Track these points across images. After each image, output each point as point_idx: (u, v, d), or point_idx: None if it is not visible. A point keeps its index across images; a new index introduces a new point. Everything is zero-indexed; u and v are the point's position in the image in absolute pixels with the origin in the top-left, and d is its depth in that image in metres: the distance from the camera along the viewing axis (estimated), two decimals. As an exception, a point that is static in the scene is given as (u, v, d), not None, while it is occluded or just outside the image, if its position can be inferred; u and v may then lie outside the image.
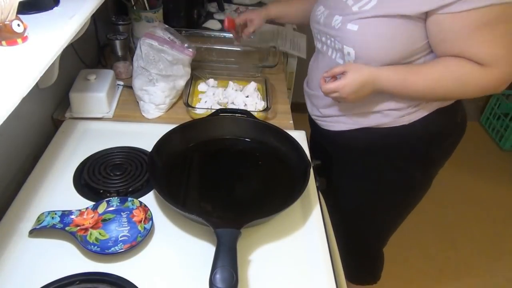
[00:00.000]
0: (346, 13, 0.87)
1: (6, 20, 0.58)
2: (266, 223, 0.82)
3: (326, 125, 1.07)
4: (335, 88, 0.88)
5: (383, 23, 0.82)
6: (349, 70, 0.86)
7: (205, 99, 1.17)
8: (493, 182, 2.38)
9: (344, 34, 0.87)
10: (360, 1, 0.85)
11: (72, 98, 1.07)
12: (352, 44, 0.87)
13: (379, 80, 0.86)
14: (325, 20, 0.94)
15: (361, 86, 0.86)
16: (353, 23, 0.85)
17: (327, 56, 0.97)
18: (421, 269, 1.87)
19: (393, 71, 0.86)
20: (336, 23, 0.89)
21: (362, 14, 0.84)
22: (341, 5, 0.89)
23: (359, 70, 0.86)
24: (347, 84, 0.86)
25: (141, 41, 1.07)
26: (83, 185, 0.89)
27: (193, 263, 0.75)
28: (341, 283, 0.81)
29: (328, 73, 0.90)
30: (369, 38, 0.84)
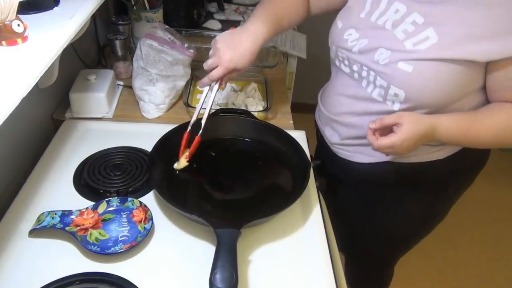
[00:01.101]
0: (397, 50, 0.76)
1: (6, 20, 0.58)
2: (266, 223, 0.82)
3: (346, 155, 0.97)
4: (391, 144, 0.75)
5: (443, 67, 0.72)
6: (404, 122, 0.74)
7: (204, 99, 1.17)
8: (493, 182, 2.38)
9: (393, 73, 0.77)
10: (414, 37, 0.75)
11: (72, 98, 1.07)
12: (403, 86, 0.77)
13: (438, 132, 0.76)
14: (363, 50, 0.82)
15: (420, 139, 0.76)
16: (407, 63, 0.74)
17: (360, 87, 0.86)
18: (421, 269, 1.87)
19: (454, 122, 0.76)
20: (382, 57, 0.78)
21: (418, 54, 0.74)
22: (387, 37, 0.78)
23: (416, 121, 0.75)
24: (406, 139, 0.74)
25: (141, 41, 1.07)
26: (83, 185, 0.89)
27: (193, 263, 0.75)
28: (341, 283, 0.81)
29: (377, 125, 0.77)
30: (425, 82, 0.75)
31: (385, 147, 0.77)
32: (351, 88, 0.89)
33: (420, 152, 0.87)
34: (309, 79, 2.09)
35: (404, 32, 0.76)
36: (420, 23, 0.75)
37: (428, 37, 0.73)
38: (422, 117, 0.76)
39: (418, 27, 0.75)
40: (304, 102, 2.13)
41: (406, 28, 0.76)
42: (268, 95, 1.19)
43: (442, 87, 0.75)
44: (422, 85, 0.75)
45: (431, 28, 0.73)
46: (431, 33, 0.73)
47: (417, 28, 0.75)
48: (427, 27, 0.73)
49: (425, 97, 0.77)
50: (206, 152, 0.97)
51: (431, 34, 0.73)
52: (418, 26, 0.75)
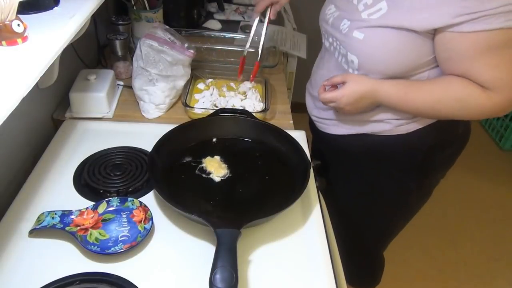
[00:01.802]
0: (355, 19, 0.85)
1: (6, 20, 0.58)
2: (266, 223, 0.82)
3: (324, 128, 1.05)
4: (333, 98, 0.87)
5: (390, 34, 0.79)
6: (349, 80, 0.85)
7: (202, 99, 1.17)
8: (493, 182, 2.38)
9: (349, 40, 0.85)
10: (370, 8, 0.82)
11: (72, 98, 1.07)
12: (356, 53, 0.85)
13: (378, 93, 0.85)
14: (334, 22, 0.91)
15: (360, 98, 0.85)
16: (360, 31, 0.83)
17: (334, 58, 0.95)
18: (421, 269, 1.87)
19: (394, 86, 0.84)
20: (344, 27, 0.87)
21: (369, 22, 0.81)
22: (352, 9, 0.86)
23: (359, 81, 0.85)
24: (345, 94, 0.85)
25: (141, 41, 1.07)
26: (83, 185, 0.89)
27: (193, 263, 0.75)
28: (341, 283, 0.81)
29: (328, 82, 0.89)
30: (374, 49, 0.82)
31: (328, 100, 0.89)
32: (329, 61, 0.97)
33: (386, 127, 0.93)
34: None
35: (364, 5, 0.84)
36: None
37: (381, 8, 0.81)
38: (366, 78, 0.85)
39: (375, 0, 0.82)
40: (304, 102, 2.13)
41: (366, 2, 0.84)
42: (268, 95, 1.19)
43: (390, 55, 0.81)
44: (372, 52, 0.83)
45: (384, 1, 0.81)
46: (383, 5, 0.80)
47: (374, 1, 0.82)
48: (381, 0, 0.81)
49: (375, 64, 0.84)
50: (206, 152, 0.97)
51: (383, 6, 0.80)
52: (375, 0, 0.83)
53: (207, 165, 0.93)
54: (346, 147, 1.03)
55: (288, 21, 1.81)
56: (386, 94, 0.84)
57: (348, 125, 0.98)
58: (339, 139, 1.02)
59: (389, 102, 0.86)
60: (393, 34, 0.79)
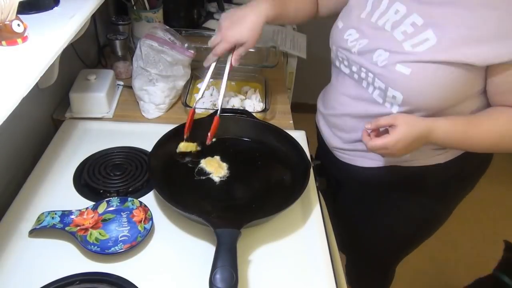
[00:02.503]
0: (395, 51, 0.75)
1: (6, 20, 0.58)
2: (266, 223, 0.82)
3: (347, 159, 0.96)
4: (384, 145, 0.75)
5: (442, 69, 0.71)
6: (399, 123, 0.73)
7: (202, 100, 1.17)
8: (493, 182, 2.38)
9: (391, 75, 0.76)
10: (413, 38, 0.73)
11: (72, 98, 1.07)
12: (400, 89, 0.76)
13: (435, 134, 0.75)
14: (362, 51, 0.81)
15: (414, 141, 0.75)
16: (405, 65, 0.74)
17: (360, 87, 0.85)
18: (421, 269, 1.87)
19: (452, 126, 0.76)
20: (380, 59, 0.77)
21: (416, 56, 0.73)
22: (386, 38, 0.77)
23: (411, 123, 0.74)
24: (399, 140, 0.73)
25: (141, 41, 1.07)
26: (83, 185, 0.89)
27: (193, 263, 0.75)
28: (341, 283, 0.81)
29: (372, 125, 0.77)
30: (423, 85, 0.74)
31: (379, 148, 0.76)
32: (352, 89, 0.88)
33: (421, 156, 0.86)
34: (309, 79, 2.09)
35: (404, 33, 0.75)
36: (420, 24, 0.73)
37: (427, 38, 0.72)
38: (418, 119, 0.75)
39: (417, 28, 0.73)
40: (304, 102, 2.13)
41: (405, 30, 0.75)
42: (268, 95, 1.18)
43: (440, 90, 0.74)
44: (420, 88, 0.74)
45: (430, 30, 0.72)
46: (430, 35, 0.72)
47: (416, 30, 0.73)
48: (426, 29, 0.72)
49: (423, 100, 0.76)
50: (206, 152, 0.97)
51: (430, 36, 0.72)
52: (417, 27, 0.74)
53: (207, 165, 0.93)
54: (372, 178, 0.94)
55: (288, 21, 1.81)
56: (443, 135, 0.76)
57: (379, 157, 0.87)
58: (365, 171, 0.93)
59: (447, 142, 0.78)
60: (447, 69, 0.71)
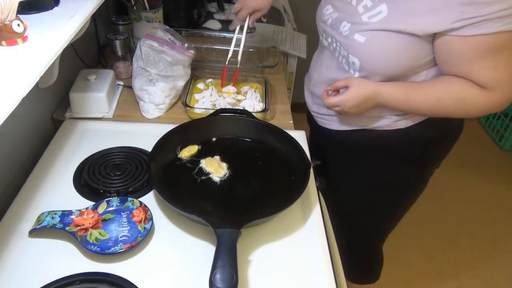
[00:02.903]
0: (355, 22, 0.86)
1: (6, 20, 0.58)
2: (266, 223, 0.82)
3: (324, 123, 1.07)
4: (337, 102, 0.90)
5: (390, 37, 0.81)
6: (351, 84, 0.88)
7: (202, 100, 1.18)
8: (493, 182, 2.38)
9: (350, 43, 0.87)
10: (370, 11, 0.84)
11: (72, 98, 1.07)
12: (357, 55, 0.87)
13: (381, 96, 0.87)
14: (333, 23, 0.92)
15: (363, 101, 0.88)
16: (361, 34, 0.84)
17: (334, 57, 0.96)
18: (421, 269, 1.87)
19: (396, 88, 0.87)
20: (344, 29, 0.88)
21: (370, 25, 0.83)
22: (351, 11, 0.88)
23: (362, 85, 0.87)
24: (349, 98, 0.88)
25: (141, 41, 1.07)
26: (83, 185, 0.89)
27: (193, 263, 0.75)
28: (341, 283, 0.81)
29: (331, 87, 0.92)
30: (375, 51, 0.84)
31: (333, 104, 0.91)
32: (328, 59, 0.99)
33: (386, 121, 0.96)
34: (309, 79, 2.09)
35: (364, 7, 0.85)
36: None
37: (381, 11, 0.82)
38: (368, 82, 0.88)
39: (375, 2, 0.84)
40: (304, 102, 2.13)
41: (366, 4, 0.85)
42: (268, 95, 1.19)
43: (391, 57, 0.83)
44: (372, 54, 0.85)
45: (384, 4, 0.82)
46: (384, 8, 0.82)
47: (374, 4, 0.84)
48: (381, 3, 0.82)
49: (376, 66, 0.86)
50: (206, 152, 0.97)
51: (383, 9, 0.82)
52: (375, 2, 0.84)
53: (207, 165, 0.93)
54: (346, 141, 1.05)
55: (288, 21, 1.81)
56: (388, 96, 0.87)
57: (349, 121, 1.00)
58: (339, 134, 1.04)
59: (392, 104, 0.89)
60: (394, 37, 0.81)
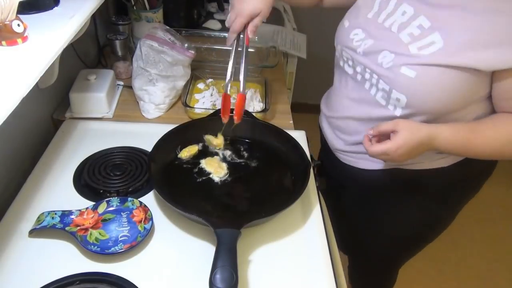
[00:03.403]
0: (401, 53, 0.75)
1: (6, 20, 0.58)
2: (266, 223, 0.82)
3: (350, 161, 0.96)
4: (385, 151, 0.75)
5: (447, 73, 0.71)
6: (400, 129, 0.73)
7: (202, 100, 1.17)
8: (493, 182, 2.37)
9: (396, 77, 0.75)
10: (419, 40, 0.73)
11: (72, 98, 1.07)
12: (405, 92, 0.75)
13: (437, 141, 0.75)
14: (368, 52, 0.81)
15: (416, 147, 0.74)
16: (410, 68, 0.73)
17: (364, 90, 0.85)
18: (421, 269, 1.87)
19: (453, 132, 0.75)
20: (385, 61, 0.77)
21: (421, 59, 0.72)
22: (392, 39, 0.77)
23: (414, 130, 0.73)
24: (401, 146, 0.73)
25: (141, 42, 1.07)
26: (83, 185, 0.89)
27: (193, 263, 0.75)
28: (341, 283, 0.81)
29: (374, 131, 0.77)
30: (428, 88, 0.73)
31: (380, 153, 0.76)
32: (355, 91, 0.88)
33: (424, 159, 0.86)
34: (309, 79, 2.09)
35: (410, 35, 0.75)
36: (427, 27, 0.73)
37: (434, 42, 0.71)
38: (420, 126, 0.74)
39: (424, 31, 0.73)
40: (304, 102, 2.13)
41: (412, 32, 0.74)
42: (268, 95, 1.18)
43: (444, 94, 0.73)
44: (424, 91, 0.74)
45: (437, 33, 0.71)
46: (437, 38, 0.71)
47: (423, 32, 0.73)
48: (433, 32, 0.72)
49: (427, 104, 0.75)
50: (206, 152, 0.97)
51: (437, 39, 0.71)
52: (424, 30, 0.73)
53: (207, 165, 0.93)
54: (375, 181, 0.94)
55: (288, 21, 1.81)
56: (446, 142, 0.75)
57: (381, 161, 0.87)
58: (367, 173, 0.92)
59: (449, 149, 0.77)
60: (451, 72, 0.71)
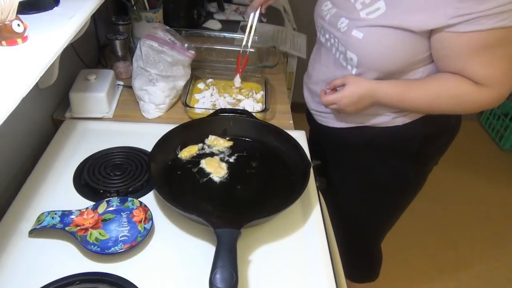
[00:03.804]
0: (353, 18, 0.87)
1: (6, 20, 0.58)
2: (266, 223, 0.82)
3: (323, 121, 1.08)
4: (334, 100, 0.92)
5: (388, 33, 0.82)
6: (348, 83, 0.89)
7: (202, 100, 1.18)
8: (493, 182, 2.38)
9: (348, 39, 0.87)
10: (368, 7, 0.85)
11: (72, 98, 1.07)
12: (355, 51, 0.87)
13: (377, 94, 0.88)
14: (331, 19, 0.93)
15: (360, 99, 0.89)
16: (359, 30, 0.85)
17: (331, 54, 0.97)
18: (421, 269, 1.87)
19: (392, 86, 0.88)
20: (342, 26, 0.89)
21: (368, 22, 0.84)
22: (349, 7, 0.89)
23: (358, 83, 0.89)
24: (346, 96, 0.89)
25: (141, 42, 1.07)
26: (83, 185, 0.89)
27: (193, 263, 0.75)
28: (341, 283, 0.81)
29: (329, 85, 0.94)
30: (373, 47, 0.85)
31: (329, 102, 0.93)
32: (325, 56, 1.00)
33: (384, 118, 0.96)
34: (309, 79, 2.09)
35: (362, 3, 0.86)
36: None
37: (379, 8, 0.83)
38: (364, 80, 0.89)
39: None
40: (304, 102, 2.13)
41: (364, 0, 0.86)
42: (268, 95, 1.19)
43: (388, 53, 0.84)
44: (371, 50, 0.85)
45: (382, 1, 0.83)
46: (382, 5, 0.82)
47: (372, 1, 0.84)
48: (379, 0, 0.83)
49: (374, 62, 0.86)
50: (207, 152, 0.97)
51: (381, 6, 0.83)
52: None
53: (207, 165, 0.93)
54: (345, 139, 1.06)
55: (288, 21, 1.81)
56: (384, 94, 0.88)
57: (347, 119, 1.01)
58: (338, 132, 1.04)
59: (388, 102, 0.90)
60: (391, 33, 0.81)
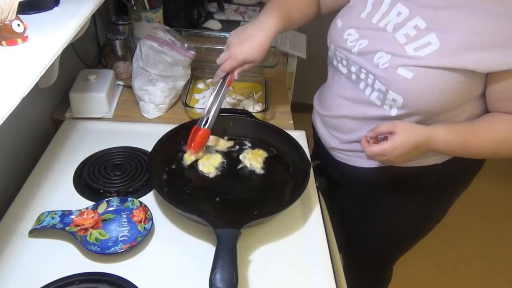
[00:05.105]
0: (397, 54, 0.75)
1: (6, 20, 0.58)
2: (266, 223, 0.82)
3: (345, 159, 0.96)
4: (383, 151, 0.76)
5: (444, 75, 0.71)
6: (398, 131, 0.74)
7: (202, 100, 1.17)
8: (493, 182, 2.38)
9: (393, 79, 0.75)
10: (416, 41, 0.73)
11: (72, 98, 1.07)
12: (401, 92, 0.75)
13: (434, 142, 0.76)
14: (363, 52, 0.80)
15: (413, 149, 0.75)
16: (407, 69, 0.73)
17: (358, 89, 0.85)
18: (421, 269, 1.87)
19: (452, 133, 0.76)
20: (381, 61, 0.77)
21: (419, 61, 0.72)
22: (387, 39, 0.76)
23: (411, 131, 0.74)
24: (398, 147, 0.74)
25: (142, 42, 1.07)
26: (83, 185, 0.89)
27: (193, 263, 0.75)
28: (341, 283, 0.81)
29: (373, 133, 0.78)
30: (424, 90, 0.73)
31: (377, 154, 0.77)
32: (349, 90, 0.88)
33: (420, 157, 0.85)
34: (309, 79, 2.09)
35: (406, 36, 0.75)
36: (423, 27, 0.73)
37: (430, 42, 0.72)
38: (417, 127, 0.75)
39: (420, 32, 0.73)
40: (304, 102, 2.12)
41: (407, 32, 0.74)
42: (268, 95, 1.18)
43: (441, 95, 0.74)
44: (421, 92, 0.74)
45: (433, 34, 0.71)
46: (433, 39, 0.71)
47: (419, 33, 0.73)
48: (429, 32, 0.72)
49: (423, 104, 0.76)
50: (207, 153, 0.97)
51: (433, 40, 0.71)
52: (420, 30, 0.73)
53: (207, 165, 0.93)
54: (369, 179, 0.95)
55: (288, 21, 1.81)
56: (443, 142, 0.76)
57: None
58: (362, 171, 0.93)
59: (446, 150, 0.79)
60: (448, 75, 0.71)
